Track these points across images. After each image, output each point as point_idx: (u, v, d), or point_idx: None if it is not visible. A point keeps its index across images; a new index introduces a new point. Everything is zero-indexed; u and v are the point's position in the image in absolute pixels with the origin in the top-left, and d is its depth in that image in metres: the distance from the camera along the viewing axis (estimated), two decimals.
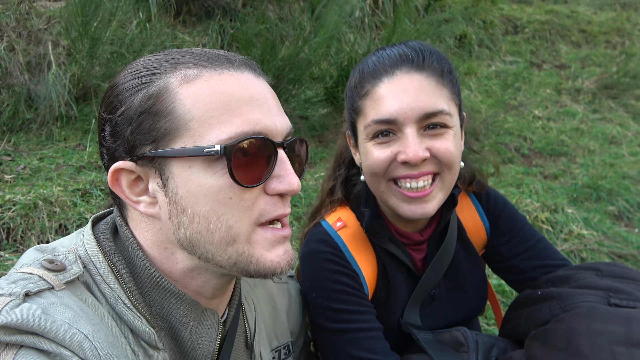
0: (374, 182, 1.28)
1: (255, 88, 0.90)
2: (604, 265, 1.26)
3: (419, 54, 1.23)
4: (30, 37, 4.19)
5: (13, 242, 2.65)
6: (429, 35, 5.49)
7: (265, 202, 0.89)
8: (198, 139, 0.84)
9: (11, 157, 3.41)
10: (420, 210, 1.23)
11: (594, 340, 0.99)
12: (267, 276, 0.91)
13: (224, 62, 0.90)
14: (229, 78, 0.88)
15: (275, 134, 0.90)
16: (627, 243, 3.93)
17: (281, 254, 0.92)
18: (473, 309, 1.53)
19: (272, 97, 0.94)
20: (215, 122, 0.84)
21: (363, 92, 1.26)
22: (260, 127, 0.86)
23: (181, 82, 0.86)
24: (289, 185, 0.89)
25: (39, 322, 0.71)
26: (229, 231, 0.86)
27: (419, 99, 1.18)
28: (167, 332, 0.93)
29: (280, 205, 0.91)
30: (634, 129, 6.49)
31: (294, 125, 4.78)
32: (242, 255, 0.88)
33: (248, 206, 0.87)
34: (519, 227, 1.50)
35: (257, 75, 0.94)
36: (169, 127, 0.84)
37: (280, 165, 0.90)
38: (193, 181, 0.84)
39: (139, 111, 0.85)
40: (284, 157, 0.91)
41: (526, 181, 4.68)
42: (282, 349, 1.27)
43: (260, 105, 0.88)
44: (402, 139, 1.20)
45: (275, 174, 0.90)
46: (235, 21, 5.52)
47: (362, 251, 1.40)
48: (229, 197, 0.85)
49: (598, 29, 9.15)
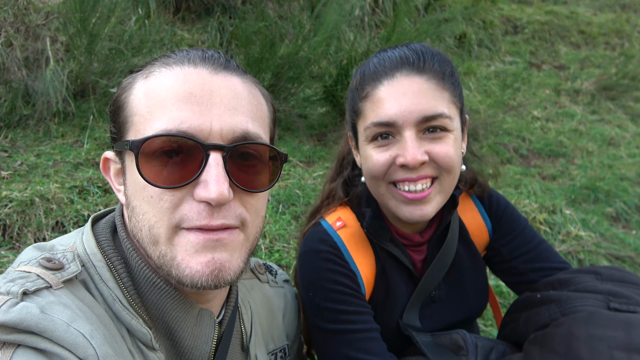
0: (374, 184, 1.28)
1: (200, 84, 0.84)
2: (603, 269, 1.26)
3: (420, 57, 1.22)
4: (28, 32, 4.16)
5: (9, 239, 2.63)
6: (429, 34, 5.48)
7: (189, 207, 0.82)
8: (137, 134, 0.85)
9: (8, 153, 3.39)
10: (418, 212, 1.22)
11: (593, 346, 0.99)
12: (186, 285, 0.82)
13: (183, 59, 0.89)
14: (177, 74, 0.86)
15: (210, 136, 0.82)
16: (624, 245, 3.93)
17: (204, 262, 0.82)
18: (473, 311, 1.52)
19: (229, 96, 0.86)
20: (150, 117, 0.84)
21: (363, 94, 1.25)
22: (185, 126, 0.81)
23: (141, 78, 0.89)
24: (209, 193, 0.79)
25: (37, 321, 0.71)
26: (150, 230, 0.83)
27: (418, 102, 1.17)
28: (163, 333, 0.92)
29: (206, 214, 0.82)
30: (632, 131, 6.50)
31: (293, 124, 4.79)
32: (165, 258, 0.83)
33: (168, 208, 0.82)
34: (520, 229, 1.50)
35: (216, 71, 0.88)
36: (122, 121, 0.88)
37: (207, 169, 0.81)
38: (132, 176, 0.86)
39: (112, 102, 0.92)
40: (214, 161, 0.81)
41: (524, 182, 4.68)
42: (278, 351, 1.26)
43: (199, 103, 0.83)
44: (401, 142, 1.19)
45: (202, 179, 0.81)
46: (235, 18, 5.49)
47: (361, 251, 1.40)
48: (150, 195, 0.83)
49: (597, 30, 9.15)
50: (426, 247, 1.45)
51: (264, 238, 3.04)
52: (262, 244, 2.99)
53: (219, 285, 0.83)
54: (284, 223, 3.26)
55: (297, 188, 3.67)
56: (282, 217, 3.33)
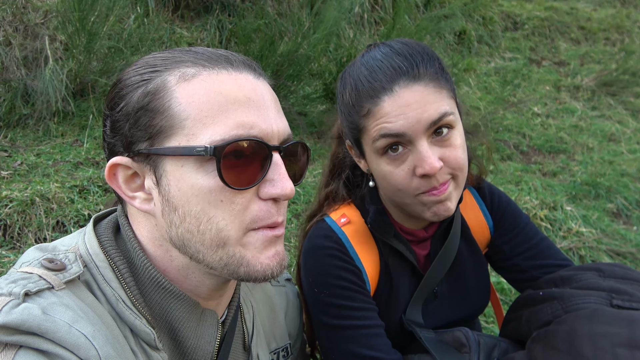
0: (400, 195, 1.26)
1: (253, 89, 0.88)
2: (606, 266, 1.26)
3: (411, 63, 1.19)
4: (27, 31, 4.15)
5: (10, 239, 2.63)
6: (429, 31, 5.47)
7: (258, 207, 0.87)
8: (192, 138, 0.83)
9: (8, 152, 3.39)
10: (442, 208, 1.23)
11: (596, 343, 0.98)
12: (257, 279, 0.88)
13: (223, 62, 0.89)
14: (227, 78, 0.87)
15: (271, 137, 0.87)
16: (625, 241, 3.93)
17: (271, 256, 0.89)
18: (475, 308, 1.52)
19: (271, 99, 0.92)
20: (210, 122, 0.83)
21: (364, 111, 1.22)
22: (254, 130, 0.84)
23: (179, 80, 0.85)
24: (281, 189, 0.86)
25: (39, 322, 0.70)
26: (219, 234, 0.84)
27: (423, 111, 1.15)
28: (166, 333, 0.92)
29: (274, 211, 0.88)
30: (633, 127, 6.49)
31: (293, 121, 4.78)
32: (233, 258, 0.86)
33: (239, 210, 0.85)
34: (522, 226, 1.50)
35: (257, 76, 0.92)
36: (163, 125, 0.84)
37: (274, 169, 0.87)
38: (185, 180, 0.84)
39: (136, 107, 0.85)
40: (278, 160, 0.88)
41: (525, 178, 4.68)
42: (280, 351, 1.26)
43: (257, 107, 0.86)
44: (414, 152, 1.18)
45: (269, 178, 0.87)
46: (234, 16, 5.48)
47: (366, 248, 1.40)
48: (220, 199, 0.83)
49: (597, 25, 9.13)
50: (429, 242, 1.45)
51: None
52: None
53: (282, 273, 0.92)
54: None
55: (298, 186, 3.67)
56: None
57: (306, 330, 1.51)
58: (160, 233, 0.90)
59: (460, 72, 6.54)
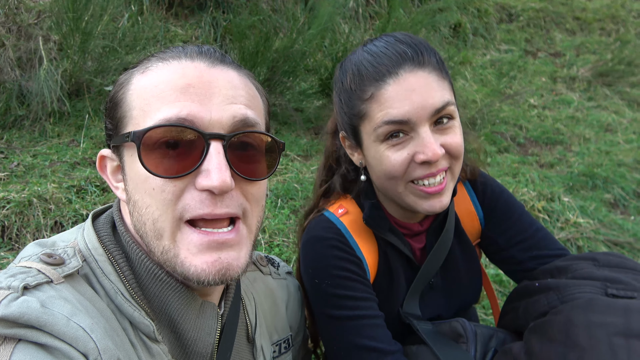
0: (392, 184, 1.26)
1: (197, 76, 0.85)
2: (601, 255, 1.26)
3: (416, 50, 1.21)
4: (20, 32, 4.13)
5: (8, 240, 2.63)
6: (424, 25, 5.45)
7: (191, 197, 0.83)
8: (136, 127, 0.85)
9: (4, 154, 3.38)
10: (438, 205, 1.24)
11: (592, 332, 0.99)
12: (192, 282, 0.84)
13: (179, 53, 0.90)
14: (174, 68, 0.87)
15: (210, 125, 0.83)
16: (623, 231, 3.95)
17: (209, 261, 0.83)
18: (468, 298, 1.54)
19: (226, 86, 0.88)
20: (149, 110, 0.85)
21: (366, 95, 1.22)
22: (185, 115, 0.82)
23: (138, 73, 0.90)
24: (210, 181, 0.81)
25: (37, 315, 0.71)
26: (154, 224, 0.84)
27: (428, 97, 1.16)
28: (166, 325, 0.93)
29: (209, 203, 0.83)
30: (629, 117, 6.50)
31: (289, 117, 4.77)
32: (168, 253, 0.84)
33: (170, 199, 0.82)
34: (516, 216, 1.50)
35: (212, 64, 0.89)
36: (120, 116, 0.89)
37: (209, 159, 0.82)
38: (132, 169, 0.86)
39: (108, 99, 0.93)
40: (215, 150, 0.83)
41: (522, 170, 4.69)
42: (282, 342, 1.27)
43: (197, 94, 0.84)
44: (416, 139, 1.19)
45: (204, 168, 0.82)
46: (228, 13, 5.46)
47: (364, 237, 1.40)
48: (152, 187, 0.83)
49: (592, 16, 9.13)
50: (424, 236, 1.46)
51: (263, 233, 3.04)
52: (262, 239, 2.99)
53: (225, 282, 0.85)
54: (283, 217, 3.27)
55: (295, 182, 3.67)
56: (281, 212, 3.33)
57: (308, 326, 1.52)
58: None
59: (456, 65, 6.54)
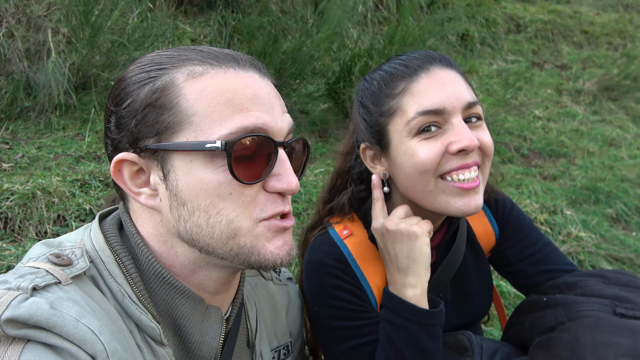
0: (422, 182, 1.21)
1: (259, 87, 0.91)
2: (610, 273, 1.26)
3: (441, 56, 1.27)
4: (30, 23, 4.13)
5: (11, 232, 2.63)
6: (433, 33, 5.46)
7: (265, 198, 0.90)
8: (200, 134, 0.85)
9: (9, 145, 3.38)
10: (474, 203, 1.20)
11: (599, 352, 0.99)
12: (267, 267, 0.92)
13: (230, 61, 0.91)
14: (234, 76, 0.89)
15: (277, 133, 0.91)
16: (624, 246, 3.94)
17: (280, 245, 0.92)
18: (477, 314, 1.53)
19: (276, 97, 0.95)
20: (217, 117, 0.85)
21: (397, 90, 1.23)
22: (261, 125, 0.87)
23: (187, 77, 0.87)
24: (287, 185, 0.90)
25: (47, 317, 0.71)
26: (229, 225, 0.87)
27: (460, 90, 1.20)
28: (171, 328, 0.93)
29: (280, 202, 0.92)
30: (633, 132, 6.50)
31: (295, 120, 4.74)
32: (245, 247, 0.89)
33: (248, 202, 0.88)
34: (526, 231, 1.50)
35: (262, 76, 0.95)
36: (172, 121, 0.86)
37: (279, 164, 0.91)
38: (194, 175, 0.85)
39: (144, 104, 0.87)
40: (284, 156, 0.91)
41: (525, 182, 4.68)
42: (281, 349, 1.27)
43: (263, 104, 0.89)
44: (450, 130, 1.18)
45: (275, 172, 0.90)
46: (237, 13, 5.47)
47: (370, 260, 1.38)
48: (229, 192, 0.86)
49: (600, 30, 9.13)
50: (435, 252, 1.44)
51: None
52: None
53: (290, 262, 0.95)
54: None
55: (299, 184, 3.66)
56: None
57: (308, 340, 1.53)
58: (166, 229, 0.91)
59: None
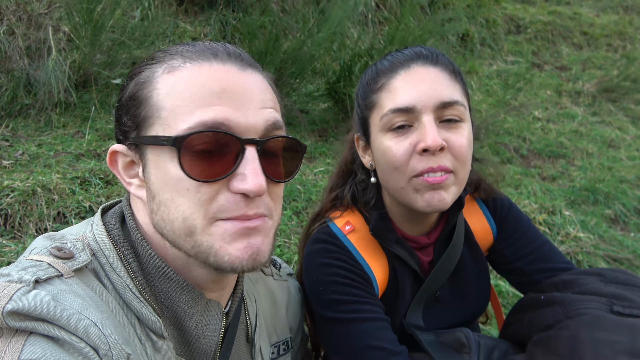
0: (395, 177, 1.24)
1: (232, 81, 0.87)
2: (608, 271, 1.26)
3: (432, 52, 1.26)
4: (31, 21, 4.13)
5: (11, 229, 2.63)
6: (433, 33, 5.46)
7: (226, 199, 0.84)
8: (166, 128, 0.85)
9: (9, 142, 3.38)
10: (437, 197, 1.20)
11: (597, 350, 0.99)
12: (225, 270, 0.86)
13: (208, 54, 0.90)
14: (207, 69, 0.87)
15: (245, 130, 0.85)
16: (622, 247, 3.95)
17: (241, 247, 0.85)
18: (475, 312, 1.53)
19: (257, 92, 0.90)
20: (181, 112, 0.84)
21: (377, 86, 1.26)
22: (222, 120, 0.83)
23: (163, 71, 0.88)
24: (250, 186, 0.83)
25: (49, 309, 0.71)
26: (184, 222, 0.85)
27: (435, 88, 1.19)
28: (172, 322, 0.94)
29: (243, 205, 0.85)
30: (632, 133, 6.51)
31: (294, 119, 4.78)
32: (202, 247, 0.85)
33: (205, 199, 0.84)
34: (524, 229, 1.51)
35: (243, 68, 0.90)
36: (146, 115, 0.87)
37: (245, 163, 0.84)
38: (160, 169, 0.86)
39: (127, 97, 0.90)
40: (250, 155, 0.85)
41: (525, 182, 4.69)
42: (281, 344, 1.27)
43: (232, 98, 0.85)
44: (419, 128, 1.19)
45: (239, 172, 0.84)
46: (238, 12, 5.47)
47: (373, 253, 1.40)
48: (186, 188, 0.83)
49: (600, 31, 9.14)
50: (432, 249, 1.45)
51: None
52: None
53: (256, 267, 0.88)
54: (285, 218, 3.27)
55: (298, 183, 3.67)
56: (283, 213, 3.33)
57: (310, 334, 1.52)
58: None
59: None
